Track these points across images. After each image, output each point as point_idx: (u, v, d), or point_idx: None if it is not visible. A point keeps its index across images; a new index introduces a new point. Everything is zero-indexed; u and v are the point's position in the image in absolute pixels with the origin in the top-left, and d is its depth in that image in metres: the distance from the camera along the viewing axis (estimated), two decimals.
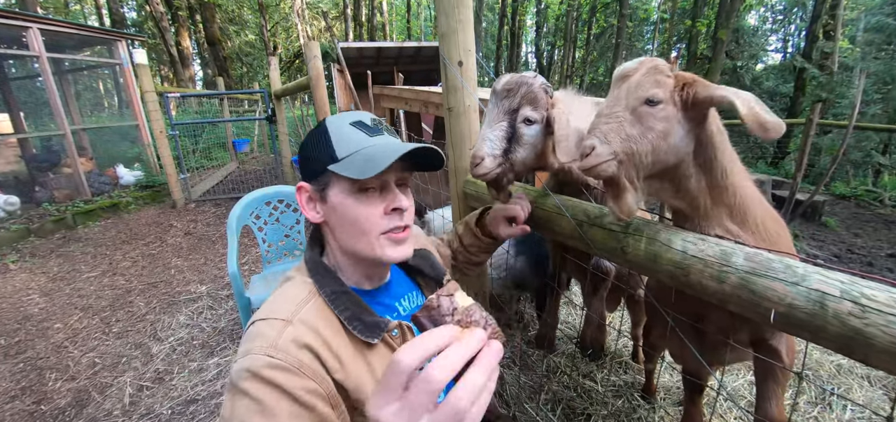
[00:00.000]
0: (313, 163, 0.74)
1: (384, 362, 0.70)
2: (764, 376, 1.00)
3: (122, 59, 6.14)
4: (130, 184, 6.26)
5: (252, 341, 0.63)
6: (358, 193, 0.71)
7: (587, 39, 19.00)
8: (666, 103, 0.73)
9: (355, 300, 0.72)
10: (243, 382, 0.58)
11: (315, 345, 0.64)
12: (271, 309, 0.68)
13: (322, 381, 0.63)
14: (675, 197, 0.84)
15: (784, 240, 0.91)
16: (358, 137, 0.72)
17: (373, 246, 0.73)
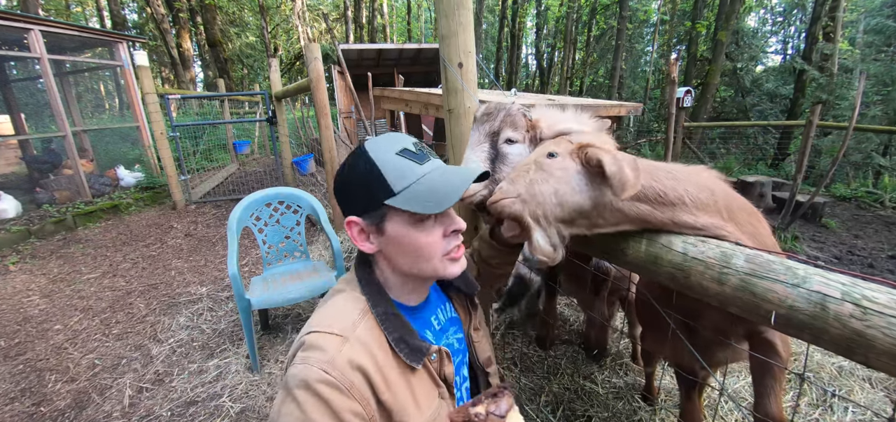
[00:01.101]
0: (364, 197, 0.73)
1: (423, 384, 0.75)
2: (761, 374, 1.00)
3: (122, 61, 6.15)
4: (131, 185, 6.26)
5: (310, 351, 0.66)
6: (418, 223, 0.72)
7: (587, 41, 19.01)
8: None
9: (403, 322, 0.75)
10: (296, 389, 0.63)
11: (367, 367, 0.67)
12: (328, 323, 0.71)
13: (367, 405, 0.66)
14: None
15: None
16: (409, 167, 0.72)
17: (436, 268, 0.75)
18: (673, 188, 0.81)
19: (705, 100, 10.31)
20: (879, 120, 8.73)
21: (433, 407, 0.75)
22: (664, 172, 0.83)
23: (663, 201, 0.82)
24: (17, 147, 6.21)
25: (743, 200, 0.88)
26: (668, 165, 0.86)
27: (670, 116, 4.94)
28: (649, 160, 0.89)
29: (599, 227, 0.87)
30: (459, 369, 0.90)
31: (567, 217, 0.85)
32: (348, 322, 0.71)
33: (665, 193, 0.81)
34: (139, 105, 6.32)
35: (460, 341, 0.92)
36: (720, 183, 0.86)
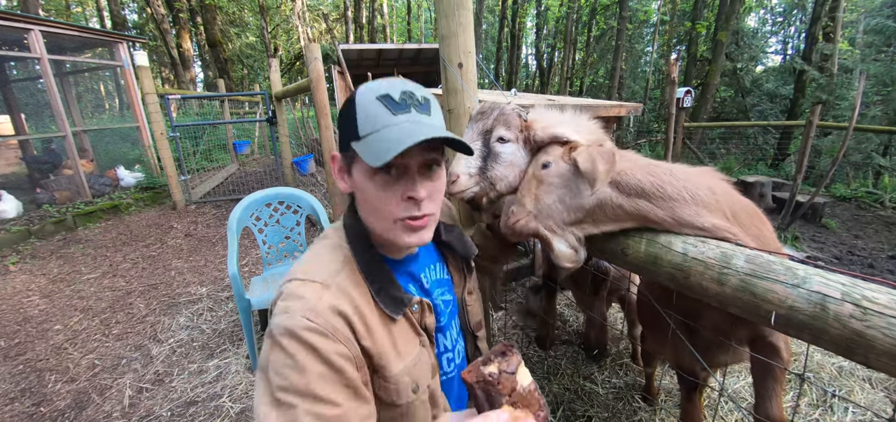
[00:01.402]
0: (342, 135, 0.74)
1: (404, 333, 0.76)
2: (762, 376, 1.00)
3: (122, 61, 6.15)
4: (131, 185, 6.26)
5: (291, 300, 0.67)
6: (375, 176, 0.70)
7: (587, 42, 19.02)
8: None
9: (386, 273, 0.75)
10: (282, 337, 0.64)
11: (348, 312, 0.68)
12: (309, 270, 0.72)
13: (351, 346, 0.67)
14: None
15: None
16: (381, 113, 0.68)
17: (387, 230, 0.73)
18: (671, 183, 0.81)
19: (705, 100, 10.31)
20: (879, 120, 8.73)
21: (414, 354, 0.77)
22: (663, 170, 0.83)
23: (661, 196, 0.82)
24: (17, 147, 6.21)
25: (745, 200, 0.88)
26: (670, 164, 0.86)
27: (670, 117, 4.95)
28: (649, 159, 0.89)
29: (604, 224, 0.89)
30: (447, 330, 0.90)
31: (574, 219, 0.90)
32: (329, 270, 0.72)
33: (662, 187, 0.81)
34: (139, 105, 6.33)
35: (448, 304, 0.91)
36: (721, 183, 0.86)
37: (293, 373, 0.62)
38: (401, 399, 0.75)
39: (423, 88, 0.73)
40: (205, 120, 8.01)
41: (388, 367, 0.72)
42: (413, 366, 0.76)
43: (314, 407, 0.62)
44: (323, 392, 0.63)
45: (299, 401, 0.62)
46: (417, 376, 0.76)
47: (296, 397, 0.62)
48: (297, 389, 0.62)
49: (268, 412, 0.62)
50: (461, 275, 0.94)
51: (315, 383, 0.63)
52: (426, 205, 0.72)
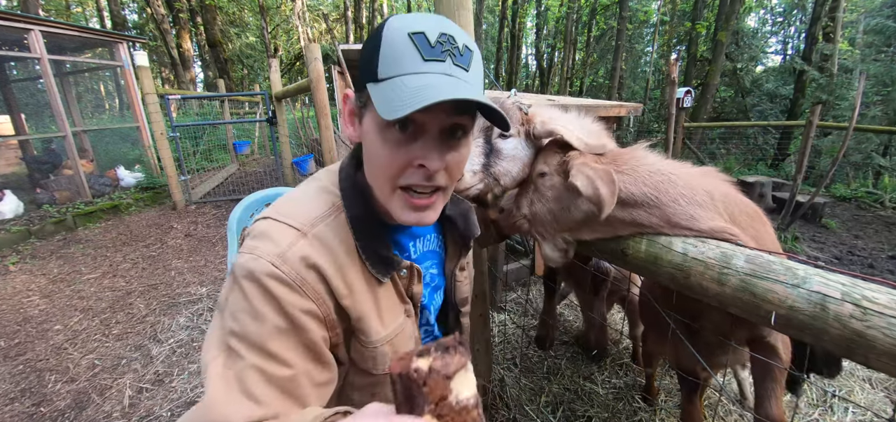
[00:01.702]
0: (360, 71, 0.60)
1: (389, 298, 0.69)
2: (762, 376, 1.00)
3: (122, 61, 6.15)
4: (131, 186, 6.26)
5: (260, 240, 0.60)
6: (385, 130, 0.57)
7: (587, 42, 19.01)
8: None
9: (377, 231, 0.67)
10: (243, 279, 0.58)
11: (325, 268, 0.60)
12: (287, 211, 0.64)
13: (322, 304, 0.61)
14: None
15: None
16: (409, 54, 0.54)
17: (386, 198, 0.63)
18: (666, 191, 0.81)
19: (705, 100, 10.31)
20: (879, 120, 8.73)
21: (397, 323, 0.70)
22: (662, 177, 0.83)
23: (656, 204, 0.81)
24: (17, 147, 6.21)
25: (745, 202, 0.88)
26: (672, 166, 0.85)
27: (670, 117, 4.94)
28: (653, 159, 0.87)
29: (598, 232, 0.90)
30: (429, 302, 0.84)
31: (566, 227, 0.91)
32: (310, 216, 0.64)
33: (657, 197, 0.81)
34: (139, 105, 6.33)
35: (433, 278, 0.85)
36: (721, 185, 0.86)
37: (248, 319, 0.57)
38: (378, 369, 0.68)
39: (467, 35, 0.59)
40: (205, 120, 8.01)
41: (368, 332, 0.66)
42: (395, 335, 0.69)
43: (263, 362, 0.56)
44: (276, 348, 0.57)
45: (248, 352, 0.55)
46: (399, 346, 0.70)
47: (245, 347, 0.56)
48: (250, 338, 0.56)
49: (215, 356, 0.57)
50: (456, 250, 0.87)
51: (270, 336, 0.56)
52: (440, 177, 0.61)
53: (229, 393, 0.54)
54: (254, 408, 0.54)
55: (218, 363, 0.56)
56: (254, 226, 0.65)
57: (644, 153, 0.88)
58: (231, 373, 0.55)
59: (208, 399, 0.53)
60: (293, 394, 0.58)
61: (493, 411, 1.73)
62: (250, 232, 0.64)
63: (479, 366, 1.67)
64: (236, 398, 0.54)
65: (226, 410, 0.53)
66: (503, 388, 1.81)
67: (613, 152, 0.88)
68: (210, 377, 0.55)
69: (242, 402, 0.54)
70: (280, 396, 0.56)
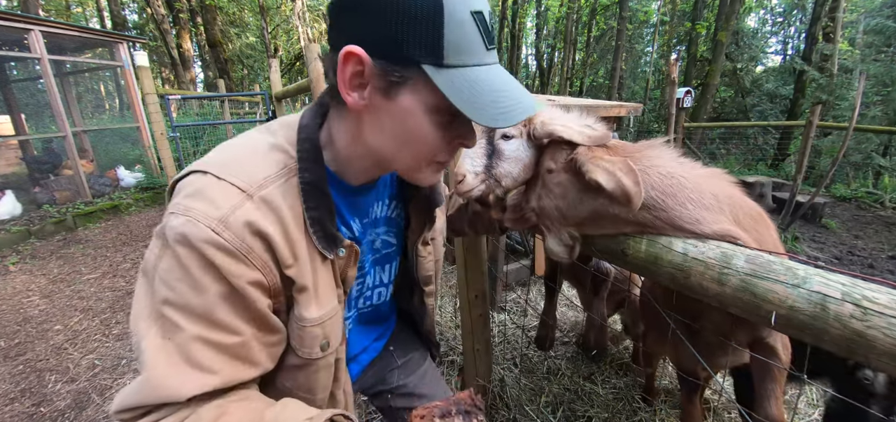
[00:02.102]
0: (395, 33, 0.49)
1: (326, 278, 0.65)
2: (762, 376, 1.00)
3: (123, 62, 6.15)
4: (131, 186, 6.26)
5: (195, 200, 0.52)
6: (438, 113, 0.54)
7: (587, 42, 19.02)
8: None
9: (328, 202, 0.62)
10: (177, 245, 0.51)
11: (272, 234, 0.55)
12: (230, 167, 0.56)
13: (269, 273, 0.56)
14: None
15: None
16: (476, 41, 0.51)
17: (415, 169, 0.61)
18: (674, 196, 0.80)
19: (705, 100, 10.31)
20: (879, 120, 8.74)
21: (330, 307, 0.65)
22: (673, 181, 0.82)
23: (663, 207, 0.81)
24: (17, 147, 6.21)
25: (750, 204, 0.87)
26: (682, 169, 0.84)
27: (670, 117, 4.94)
28: (668, 158, 0.86)
29: (602, 228, 0.90)
30: (370, 270, 0.81)
31: (572, 223, 0.92)
32: (259, 176, 0.56)
33: (664, 200, 0.81)
34: (139, 105, 6.33)
35: (387, 245, 0.82)
36: (727, 187, 0.85)
37: (187, 289, 0.51)
38: (304, 350, 0.64)
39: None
40: (205, 120, 8.02)
41: (304, 309, 0.61)
42: (328, 319, 0.65)
43: (208, 332, 0.52)
44: (223, 316, 0.52)
45: (188, 322, 0.51)
46: (329, 333, 0.66)
47: (184, 317, 0.51)
48: (190, 307, 0.51)
49: (148, 329, 0.52)
50: (421, 221, 0.83)
51: (215, 304, 0.52)
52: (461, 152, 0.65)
53: (174, 366, 0.50)
54: (205, 378, 0.51)
55: (154, 336, 0.51)
56: (186, 180, 0.56)
57: (657, 153, 0.85)
58: (171, 345, 0.51)
59: (151, 374, 0.50)
60: (245, 358, 0.55)
61: (493, 411, 1.73)
62: (182, 188, 0.55)
63: (479, 366, 1.68)
64: (183, 371, 0.50)
65: (174, 382, 0.50)
66: (503, 388, 1.81)
67: (627, 148, 0.87)
68: (147, 351, 0.51)
69: (191, 373, 0.51)
70: (231, 361, 0.54)
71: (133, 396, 0.50)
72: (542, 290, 2.95)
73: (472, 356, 1.66)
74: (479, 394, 0.42)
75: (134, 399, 0.50)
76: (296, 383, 0.67)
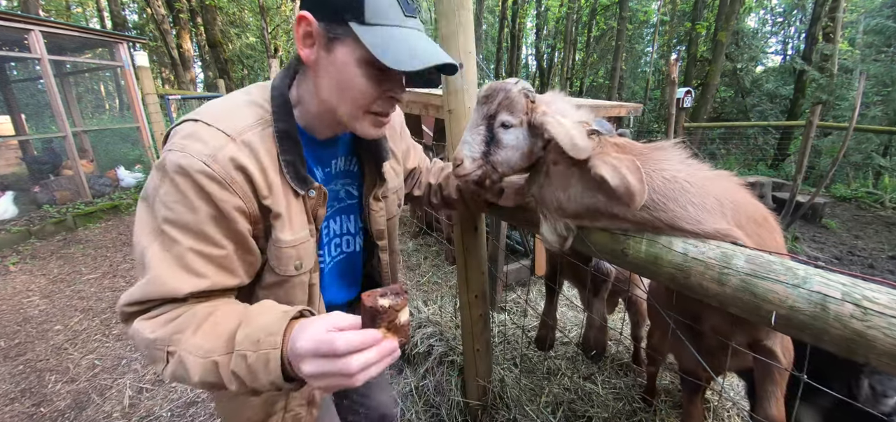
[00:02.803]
0: (333, 3, 0.66)
1: (299, 213, 0.76)
2: (762, 378, 1.00)
3: (123, 62, 6.15)
4: (131, 186, 6.26)
5: (190, 140, 0.64)
6: (366, 65, 0.67)
7: (587, 42, 19.02)
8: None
9: (298, 149, 0.74)
10: (175, 174, 0.62)
11: (251, 169, 0.67)
12: (217, 117, 0.68)
13: (249, 201, 0.68)
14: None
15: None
16: (393, 8, 0.66)
17: (353, 118, 0.73)
18: (675, 198, 0.80)
19: (705, 100, 10.31)
20: (879, 120, 8.74)
21: (302, 234, 0.77)
22: (676, 183, 0.81)
23: (663, 209, 0.81)
24: (17, 147, 6.22)
25: (755, 207, 0.86)
26: (688, 173, 0.83)
27: (670, 117, 4.95)
28: (675, 158, 0.86)
29: (600, 223, 0.91)
30: (336, 217, 0.93)
31: (569, 216, 0.93)
32: (239, 125, 0.69)
33: (665, 202, 0.81)
34: (139, 105, 6.33)
35: (350, 195, 0.94)
36: (733, 190, 0.84)
37: (183, 209, 0.63)
38: (280, 268, 0.76)
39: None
40: None
41: (280, 232, 0.73)
42: (301, 243, 0.76)
43: (199, 245, 0.64)
44: (212, 232, 0.65)
45: (184, 236, 0.63)
46: (303, 255, 0.78)
47: (181, 232, 0.63)
48: (186, 225, 0.63)
49: (150, 242, 0.64)
50: (372, 177, 0.94)
51: (205, 222, 0.64)
52: (394, 104, 0.75)
53: (173, 270, 0.63)
54: (198, 280, 0.64)
55: (156, 247, 0.63)
56: (181, 126, 0.68)
57: (665, 154, 0.85)
58: (170, 255, 0.63)
59: (154, 276, 0.62)
60: (228, 268, 0.69)
61: (494, 411, 1.73)
62: (177, 132, 0.67)
63: (479, 366, 1.67)
64: (180, 274, 0.63)
65: (174, 283, 0.63)
66: (503, 388, 1.81)
67: (635, 148, 0.87)
68: (151, 259, 0.63)
69: (186, 276, 0.63)
70: (217, 270, 0.67)
71: (138, 292, 0.63)
72: (542, 290, 2.95)
73: (472, 356, 1.66)
74: (406, 289, 0.61)
75: (139, 294, 0.63)
76: (275, 298, 0.78)
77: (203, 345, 0.61)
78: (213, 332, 0.62)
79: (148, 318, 0.64)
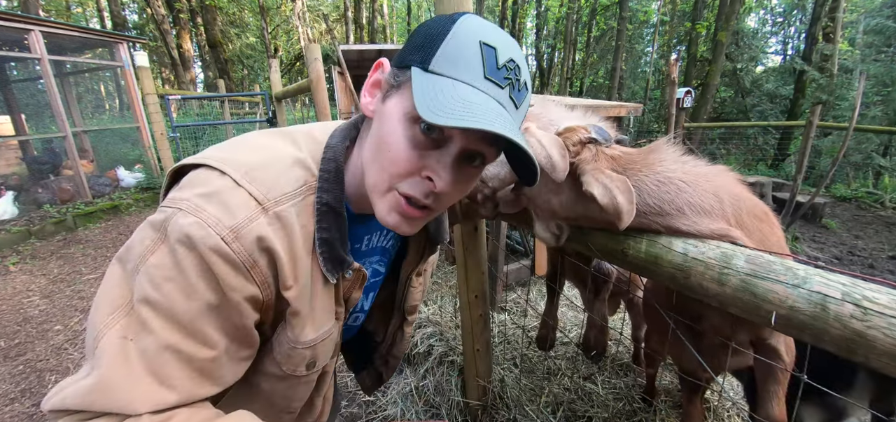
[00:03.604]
0: (408, 50, 0.54)
1: (327, 299, 0.63)
2: (764, 377, 1.00)
3: (123, 62, 6.15)
4: (131, 186, 6.26)
5: (211, 202, 0.49)
6: (411, 123, 0.52)
7: (587, 42, 19.03)
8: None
9: (341, 227, 0.60)
10: (178, 245, 0.47)
11: (280, 254, 0.53)
12: (252, 174, 0.53)
13: (266, 290, 0.54)
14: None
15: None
16: (473, 63, 0.50)
17: (374, 189, 0.56)
18: (671, 201, 0.80)
19: (705, 100, 10.32)
20: (879, 120, 8.74)
21: (326, 328, 0.64)
22: (670, 186, 0.81)
23: (658, 213, 0.81)
24: (17, 148, 6.21)
25: (755, 204, 0.85)
26: (683, 173, 0.82)
27: (670, 117, 4.95)
28: (671, 161, 0.85)
29: (594, 225, 0.92)
30: (362, 297, 0.81)
31: (563, 218, 0.93)
32: (278, 191, 0.54)
33: (661, 206, 0.81)
34: (139, 106, 6.33)
35: (376, 274, 0.81)
36: (731, 187, 0.84)
37: (176, 292, 0.47)
38: (288, 367, 0.62)
39: (528, 72, 0.56)
40: (205, 120, 8.01)
41: (298, 331, 0.60)
42: (321, 341, 0.64)
43: (182, 341, 0.48)
44: (203, 328, 0.49)
45: (163, 327, 0.47)
46: (319, 353, 0.65)
47: (161, 321, 0.47)
48: (171, 312, 0.47)
49: (112, 323, 0.47)
50: (419, 253, 0.82)
51: (200, 314, 0.49)
52: (438, 199, 0.55)
53: (131, 372, 0.46)
54: (165, 393, 0.47)
55: (116, 334, 0.47)
56: (201, 174, 0.53)
57: (659, 156, 0.84)
58: (134, 348, 0.46)
59: (103, 377, 0.45)
60: (211, 376, 0.52)
61: (494, 411, 1.73)
62: (195, 182, 0.52)
63: (479, 366, 1.67)
64: (141, 380, 0.46)
65: (129, 392, 0.45)
66: (503, 388, 1.81)
67: (627, 155, 0.87)
68: (105, 349, 0.46)
69: (150, 385, 0.46)
70: (194, 377, 0.50)
71: (77, 397, 0.46)
72: (542, 290, 2.95)
73: (472, 356, 1.66)
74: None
75: (78, 401, 0.46)
76: (273, 389, 0.65)
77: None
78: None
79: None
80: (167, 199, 0.52)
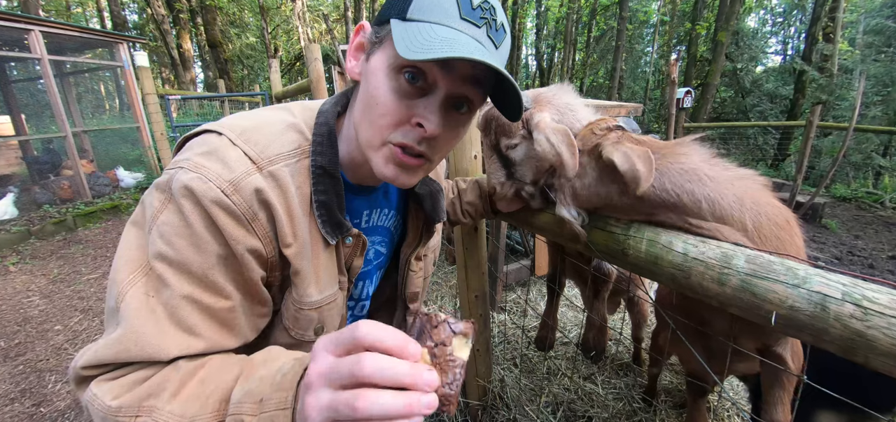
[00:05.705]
0: (386, 6, 0.55)
1: (329, 263, 0.64)
2: (770, 383, 1.00)
3: (123, 62, 6.15)
4: (131, 186, 6.26)
5: (208, 159, 0.52)
6: (394, 73, 0.53)
7: (587, 42, 19.02)
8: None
9: (337, 189, 0.61)
10: (182, 198, 0.50)
11: (278, 209, 0.55)
12: (247, 134, 0.56)
13: (268, 244, 0.55)
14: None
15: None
16: (446, 9, 0.51)
17: (369, 146, 0.57)
18: (691, 196, 0.79)
19: (705, 100, 10.32)
20: (879, 120, 8.74)
21: (331, 291, 0.64)
22: (693, 176, 0.80)
23: (680, 208, 0.81)
24: (17, 148, 6.21)
25: (777, 209, 0.84)
26: (708, 168, 0.81)
27: (670, 117, 4.95)
28: (696, 154, 0.84)
29: (613, 212, 0.92)
30: (366, 279, 0.79)
31: (583, 204, 0.94)
32: (271, 152, 0.56)
33: (681, 199, 0.80)
34: (139, 106, 6.33)
35: (378, 255, 0.80)
36: (754, 191, 0.81)
37: (186, 246, 0.50)
38: (297, 332, 0.64)
39: (505, 15, 0.56)
40: (205, 120, 8.02)
41: (302, 290, 0.60)
42: (326, 304, 0.64)
43: (199, 293, 0.51)
44: (215, 278, 0.52)
45: (179, 280, 0.49)
46: (326, 317, 0.65)
47: (176, 275, 0.50)
48: (185, 265, 0.50)
49: (131, 283, 0.49)
50: (417, 234, 0.82)
51: (211, 265, 0.51)
52: (432, 145, 0.56)
53: (158, 324, 0.48)
54: (191, 340, 0.50)
55: (138, 291, 0.49)
56: (200, 138, 0.55)
57: (688, 150, 0.84)
58: (156, 301, 0.49)
59: (131, 329, 0.47)
60: (230, 325, 0.54)
61: (494, 411, 1.73)
62: (194, 145, 0.55)
63: (479, 366, 1.67)
64: (168, 329, 0.49)
65: (158, 341, 0.48)
66: (503, 388, 1.81)
67: (656, 143, 0.87)
68: (129, 305, 0.48)
69: (177, 333, 0.49)
70: (218, 327, 0.53)
71: (108, 351, 0.47)
72: (542, 290, 2.95)
73: (472, 356, 1.66)
74: (476, 328, 0.46)
75: (109, 354, 0.47)
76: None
77: (185, 411, 0.45)
78: (200, 391, 0.47)
79: (110, 378, 0.48)
80: (171, 162, 0.55)
